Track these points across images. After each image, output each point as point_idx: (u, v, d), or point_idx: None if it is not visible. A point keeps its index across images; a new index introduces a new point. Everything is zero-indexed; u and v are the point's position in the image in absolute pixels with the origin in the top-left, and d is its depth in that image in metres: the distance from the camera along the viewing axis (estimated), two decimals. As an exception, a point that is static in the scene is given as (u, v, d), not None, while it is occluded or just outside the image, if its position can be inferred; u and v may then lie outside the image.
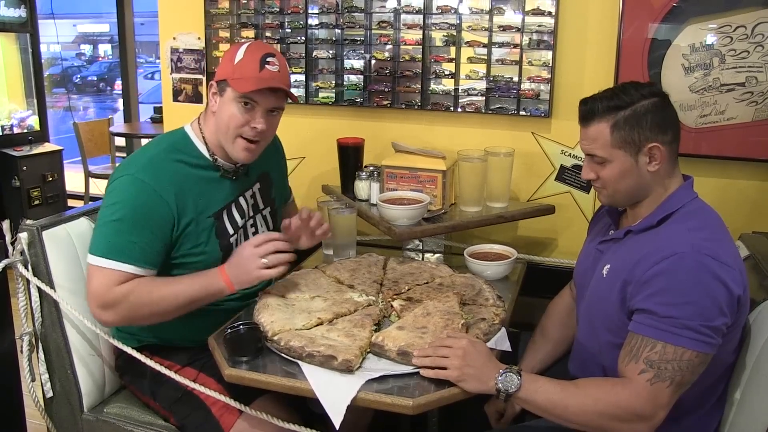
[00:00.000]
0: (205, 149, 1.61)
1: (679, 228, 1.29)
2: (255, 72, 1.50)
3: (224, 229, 1.62)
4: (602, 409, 1.23)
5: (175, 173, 1.54)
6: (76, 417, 1.71)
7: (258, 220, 1.73)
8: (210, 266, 1.57)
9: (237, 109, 1.52)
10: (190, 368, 1.59)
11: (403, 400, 1.25)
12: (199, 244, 1.57)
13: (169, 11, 2.45)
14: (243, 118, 1.52)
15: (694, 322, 1.19)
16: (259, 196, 1.74)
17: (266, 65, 1.51)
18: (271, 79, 1.51)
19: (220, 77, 1.55)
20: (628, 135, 1.31)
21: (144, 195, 1.48)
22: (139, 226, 1.47)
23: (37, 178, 4.05)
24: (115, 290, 1.46)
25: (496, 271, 1.82)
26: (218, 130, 1.57)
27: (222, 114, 1.54)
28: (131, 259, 1.47)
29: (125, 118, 5.55)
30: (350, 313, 1.52)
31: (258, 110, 1.53)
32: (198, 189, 1.57)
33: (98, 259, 1.47)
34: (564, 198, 2.11)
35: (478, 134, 2.15)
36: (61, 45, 6.72)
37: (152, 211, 1.49)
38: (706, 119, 1.92)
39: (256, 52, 1.52)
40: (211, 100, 1.58)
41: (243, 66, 1.51)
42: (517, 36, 2.05)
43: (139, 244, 1.47)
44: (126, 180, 1.51)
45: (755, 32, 1.83)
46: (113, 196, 1.50)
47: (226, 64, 1.55)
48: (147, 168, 1.52)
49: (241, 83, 1.50)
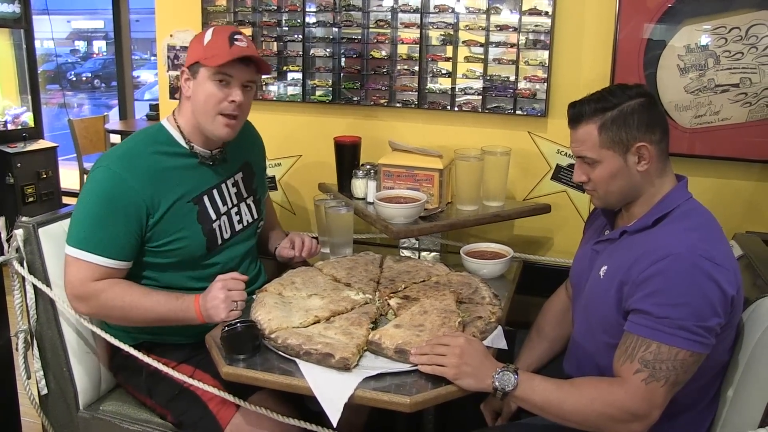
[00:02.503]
0: (181, 138, 1.64)
1: (675, 229, 1.30)
2: (226, 48, 1.54)
3: (206, 213, 1.64)
4: (598, 409, 1.24)
5: (152, 163, 1.58)
6: (71, 414, 1.71)
7: (242, 208, 1.75)
8: (194, 253, 1.61)
9: (213, 86, 1.56)
10: (186, 365, 1.60)
11: (400, 398, 1.25)
12: (180, 229, 1.59)
13: (166, 8, 2.45)
14: (220, 94, 1.56)
15: (689, 322, 1.20)
16: (242, 185, 1.77)
17: (235, 42, 1.55)
18: (242, 52, 1.55)
19: (191, 61, 1.59)
20: (616, 135, 1.33)
21: (117, 187, 1.52)
22: (112, 218, 1.51)
23: (31, 175, 4.04)
24: (89, 285, 1.51)
25: (493, 269, 1.83)
26: (196, 112, 1.60)
27: (198, 95, 1.58)
28: (104, 252, 1.50)
29: (120, 115, 5.53)
30: (347, 311, 1.53)
31: (234, 84, 1.57)
32: (176, 176, 1.60)
33: (73, 250, 1.51)
34: (560, 197, 2.12)
35: (474, 133, 2.15)
36: (55, 41, 6.66)
37: (124, 203, 1.52)
38: (701, 120, 1.93)
39: (223, 32, 1.58)
40: (184, 86, 1.62)
41: (213, 45, 1.55)
42: (514, 35, 2.05)
43: (112, 236, 1.51)
44: (100, 172, 1.55)
45: (749, 34, 1.84)
46: (87, 187, 1.55)
47: (195, 47, 1.60)
48: (122, 159, 1.56)
49: (215, 59, 1.54)
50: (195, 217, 1.62)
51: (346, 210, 1.91)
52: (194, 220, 1.62)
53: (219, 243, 1.67)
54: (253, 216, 1.78)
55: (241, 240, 1.74)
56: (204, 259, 1.65)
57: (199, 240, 1.62)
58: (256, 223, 1.80)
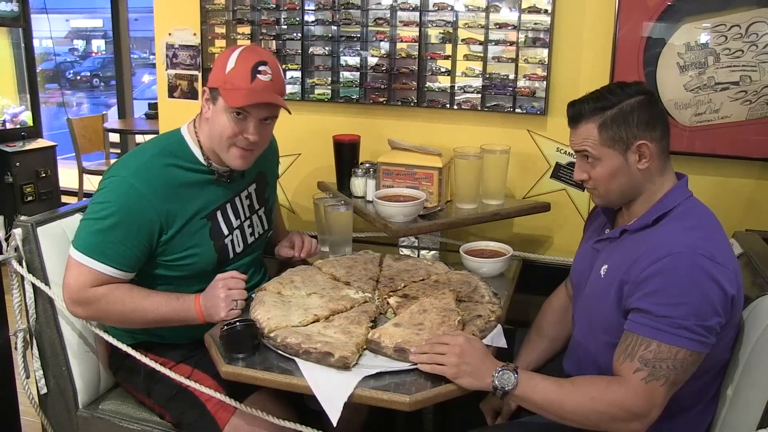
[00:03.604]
0: (200, 153, 1.60)
1: (675, 227, 1.30)
2: (246, 83, 1.47)
3: (219, 229, 1.62)
4: (598, 407, 1.24)
5: (168, 178, 1.54)
6: (70, 414, 1.71)
7: (254, 220, 1.74)
8: (205, 267, 1.59)
9: (229, 119, 1.50)
10: (185, 365, 1.59)
11: (399, 397, 1.25)
12: (192, 245, 1.57)
13: (165, 7, 2.44)
14: (235, 129, 1.51)
15: (689, 321, 1.20)
16: (255, 197, 1.75)
17: (258, 75, 1.47)
18: (263, 90, 1.48)
19: (212, 84, 1.53)
20: (616, 133, 1.32)
21: (132, 199, 1.49)
22: (123, 229, 1.48)
23: (30, 174, 4.03)
24: (90, 291, 1.48)
25: (492, 268, 1.83)
26: (211, 138, 1.56)
27: (214, 123, 1.53)
28: (110, 261, 1.48)
29: (119, 114, 5.52)
30: (346, 310, 1.52)
31: (250, 121, 1.51)
32: (191, 192, 1.58)
33: (79, 255, 1.49)
34: (559, 195, 2.12)
35: (473, 131, 2.15)
36: (53, 40, 6.64)
37: (138, 217, 1.49)
38: (701, 118, 1.93)
39: (248, 60, 1.49)
40: (204, 105, 1.57)
41: (234, 76, 1.48)
42: (513, 34, 2.05)
43: (120, 247, 1.48)
44: (117, 181, 1.51)
45: (749, 31, 1.84)
46: (102, 195, 1.51)
47: (218, 71, 1.52)
48: (140, 172, 1.52)
49: (233, 96, 1.47)
50: (207, 234, 1.60)
51: (345, 209, 1.91)
52: (206, 236, 1.60)
53: (231, 257, 1.66)
54: (264, 227, 1.77)
55: (251, 251, 1.73)
56: (214, 273, 1.58)
57: (211, 256, 1.61)
58: (266, 233, 1.79)
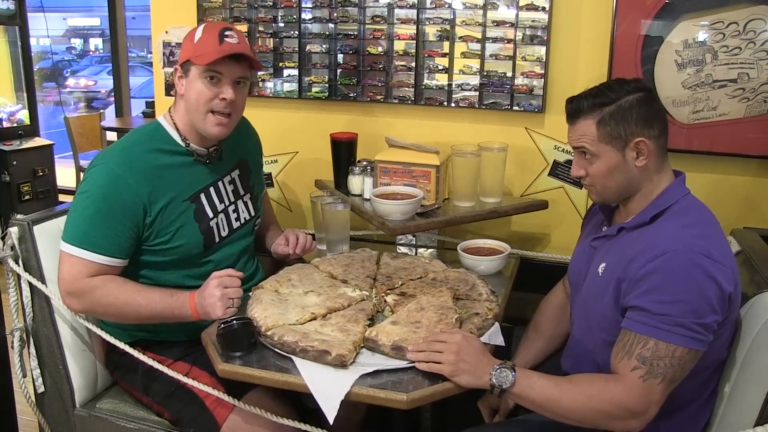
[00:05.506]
0: (177, 136, 1.64)
1: (673, 225, 1.30)
2: (215, 46, 1.54)
3: (203, 212, 1.64)
4: (595, 405, 1.23)
5: (149, 161, 1.58)
6: (68, 413, 1.70)
7: (239, 206, 1.75)
8: (192, 250, 1.61)
9: (204, 84, 1.56)
10: (183, 362, 1.59)
11: (397, 395, 1.25)
12: (177, 228, 1.59)
13: (162, 5, 2.43)
14: (211, 92, 1.56)
15: (687, 319, 1.19)
16: (239, 183, 1.76)
17: (225, 38, 1.55)
18: (232, 49, 1.54)
19: (182, 59, 1.60)
20: (614, 130, 1.32)
21: (113, 185, 1.52)
22: (109, 215, 1.51)
23: (27, 172, 4.03)
24: (83, 281, 1.50)
25: (490, 266, 1.83)
26: (189, 110, 1.60)
27: (190, 93, 1.58)
28: (99, 248, 1.50)
29: (116, 112, 5.51)
30: (344, 308, 1.52)
31: (224, 81, 1.56)
32: (173, 174, 1.60)
33: (69, 247, 1.51)
34: (557, 193, 2.12)
35: (471, 129, 2.15)
36: (50, 39, 6.63)
37: (121, 201, 1.52)
38: (699, 115, 1.93)
39: (213, 29, 1.57)
40: (177, 84, 1.62)
41: (203, 43, 1.55)
42: (511, 31, 2.05)
43: (107, 233, 1.51)
44: (98, 170, 1.54)
45: (747, 29, 1.84)
46: (85, 185, 1.54)
47: (186, 46, 1.59)
48: (120, 157, 1.56)
49: (204, 57, 1.53)
50: (192, 216, 1.62)
51: (342, 207, 1.91)
52: (191, 218, 1.61)
53: (216, 241, 1.66)
54: (250, 213, 1.78)
55: (238, 238, 1.73)
56: (201, 257, 1.64)
57: (196, 238, 1.62)
58: (253, 220, 1.79)
